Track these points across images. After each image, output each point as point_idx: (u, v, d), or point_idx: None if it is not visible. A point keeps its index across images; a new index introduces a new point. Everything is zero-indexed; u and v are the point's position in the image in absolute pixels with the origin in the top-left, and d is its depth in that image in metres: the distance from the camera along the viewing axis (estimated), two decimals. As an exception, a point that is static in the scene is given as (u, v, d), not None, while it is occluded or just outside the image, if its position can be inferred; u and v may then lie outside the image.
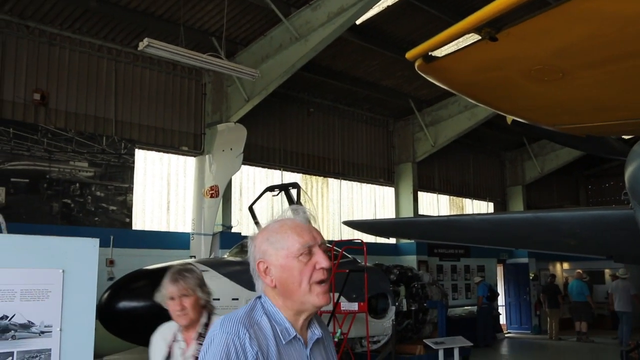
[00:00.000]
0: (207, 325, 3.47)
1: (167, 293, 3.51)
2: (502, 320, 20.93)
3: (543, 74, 2.93)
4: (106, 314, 7.80)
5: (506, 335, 20.31)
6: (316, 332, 2.06)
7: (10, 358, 3.50)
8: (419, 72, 3.16)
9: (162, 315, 8.47)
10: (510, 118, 5.36)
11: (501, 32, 2.59)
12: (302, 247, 1.97)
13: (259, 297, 2.04)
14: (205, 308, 3.56)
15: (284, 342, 1.93)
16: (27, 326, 3.57)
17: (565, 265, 23.51)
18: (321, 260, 1.98)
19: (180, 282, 3.45)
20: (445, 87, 3.43)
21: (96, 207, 11.68)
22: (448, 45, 3.06)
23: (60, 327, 3.68)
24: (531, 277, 21.25)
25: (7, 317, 3.50)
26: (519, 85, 3.19)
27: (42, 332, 3.62)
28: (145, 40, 9.02)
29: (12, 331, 3.51)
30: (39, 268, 3.65)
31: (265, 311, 1.98)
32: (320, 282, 1.97)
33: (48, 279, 3.67)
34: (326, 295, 1.98)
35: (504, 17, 2.51)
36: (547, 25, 2.53)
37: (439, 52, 3.22)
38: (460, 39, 3.05)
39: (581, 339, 18.35)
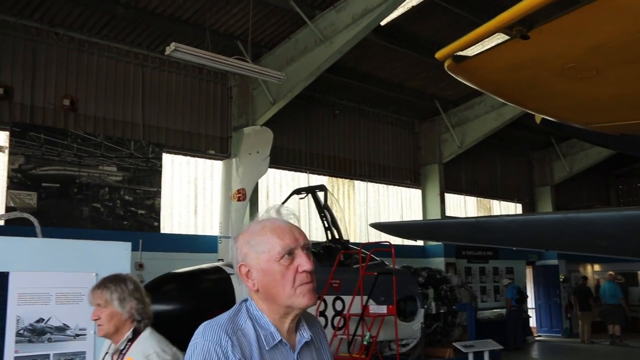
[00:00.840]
0: (130, 341, 3.21)
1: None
2: (532, 323, 20.66)
3: (576, 72, 2.89)
4: (136, 317, 7.87)
5: (536, 338, 20.04)
6: (305, 334, 1.99)
7: (46, 360, 3.55)
8: (448, 72, 3.13)
9: (192, 318, 8.52)
10: (539, 117, 5.30)
11: (533, 30, 2.56)
12: (283, 250, 1.89)
13: (245, 300, 1.97)
14: (132, 323, 3.27)
15: (267, 348, 1.86)
16: (62, 329, 3.62)
17: (597, 267, 23.13)
18: (304, 263, 1.90)
19: (98, 291, 3.21)
20: (475, 87, 3.39)
21: (125, 211, 11.81)
22: (478, 44, 3.03)
23: (95, 330, 3.72)
24: (561, 279, 20.95)
25: (43, 319, 3.56)
26: (551, 84, 3.14)
27: (77, 335, 3.67)
28: (172, 45, 9.10)
29: (48, 334, 3.57)
30: (73, 272, 3.70)
31: (250, 315, 1.91)
32: (304, 283, 1.90)
33: (82, 282, 3.72)
34: (312, 294, 1.91)
35: (535, 15, 2.48)
36: (581, 21, 2.49)
37: (469, 52, 3.19)
38: (491, 38, 3.02)
39: (615, 342, 18.01)
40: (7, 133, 10.64)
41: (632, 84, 3.01)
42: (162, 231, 12.32)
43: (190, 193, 13.21)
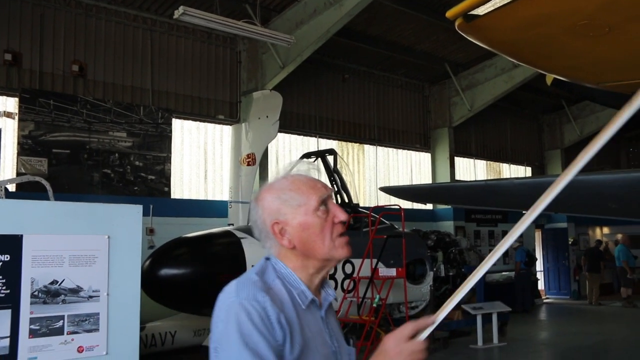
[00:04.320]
0: None
1: None
2: (541, 285, 20.78)
3: (588, 30, 2.85)
4: (148, 281, 7.97)
5: (545, 300, 20.18)
6: (330, 292, 1.93)
7: (62, 321, 3.61)
8: (459, 31, 3.09)
9: (203, 281, 8.63)
10: (550, 78, 5.24)
11: (545, -14, 2.52)
12: (319, 200, 1.82)
13: (268, 259, 1.87)
14: None
15: (303, 307, 1.78)
16: (76, 290, 3.68)
17: (605, 230, 23.12)
18: (338, 213, 1.85)
19: None
20: (487, 47, 3.35)
21: (135, 176, 11.88)
22: (489, 3, 2.99)
23: (108, 292, 3.78)
24: (570, 242, 20.98)
25: (57, 281, 3.62)
26: (564, 42, 3.10)
27: (91, 297, 3.73)
28: (181, 9, 9.03)
29: (62, 295, 3.62)
30: (85, 234, 3.74)
31: (277, 274, 1.81)
32: (340, 234, 1.85)
33: (94, 244, 3.77)
34: (349, 247, 1.86)
35: (548, -29, 2.44)
36: (594, -23, 2.45)
37: (480, 11, 3.15)
38: (502, -4, 2.97)
39: (624, 304, 18.14)
40: (17, 99, 10.65)
41: (645, 41, 2.96)
42: (172, 196, 12.40)
43: (200, 158, 13.25)
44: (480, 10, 3.14)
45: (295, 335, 1.70)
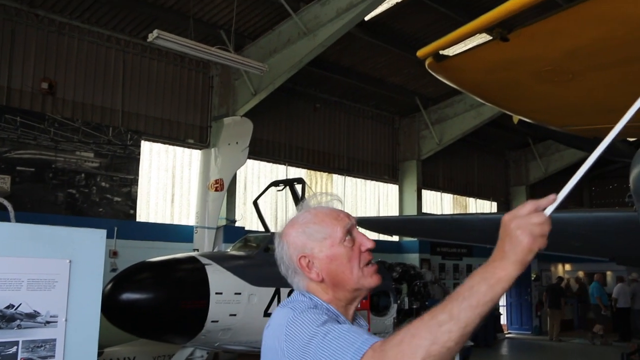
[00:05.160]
0: None
1: None
2: (503, 320, 20.93)
3: (553, 75, 2.93)
4: (109, 305, 7.81)
5: (506, 335, 20.31)
6: (363, 323, 1.93)
7: (15, 347, 3.52)
8: (429, 70, 3.16)
9: (164, 308, 8.49)
10: (516, 118, 5.36)
11: (512, 32, 2.59)
12: (344, 230, 1.82)
13: (303, 294, 1.85)
14: None
15: None
16: (33, 316, 3.59)
17: (567, 267, 23.47)
18: (365, 241, 1.85)
19: None
20: (455, 86, 3.43)
21: (101, 197, 11.71)
22: (459, 44, 3.06)
23: (66, 318, 3.70)
24: (533, 278, 21.22)
25: (13, 306, 3.52)
26: (529, 86, 3.19)
27: (48, 322, 3.64)
28: (155, 32, 9.02)
29: (18, 320, 3.53)
30: (46, 258, 3.66)
31: (316, 305, 1.79)
32: (368, 263, 1.84)
33: (55, 268, 3.69)
34: (378, 274, 1.85)
35: (515, 18, 2.51)
36: (559, 26, 2.53)
37: (450, 51, 3.23)
38: (472, 39, 3.05)
39: (594, 341, 17.99)
40: (-17, 115, 10.48)
41: (606, 89, 3.07)
42: (138, 219, 12.25)
43: (168, 182, 13.14)
44: (450, 51, 3.22)
45: None
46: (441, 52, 3.13)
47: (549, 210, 1.50)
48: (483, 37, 2.83)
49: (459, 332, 1.40)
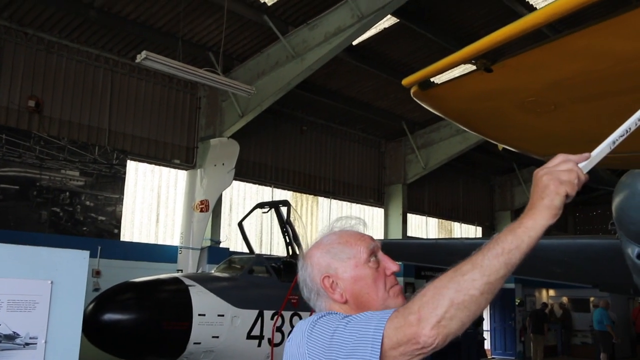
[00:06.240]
0: None
1: None
2: (487, 345, 20.90)
3: (536, 106, 2.98)
4: (90, 326, 7.74)
5: (490, 360, 20.28)
6: None
7: (-6, 368, 3.47)
8: (414, 98, 3.20)
9: (147, 329, 8.43)
10: (501, 145, 5.42)
11: (496, 63, 2.64)
12: (369, 251, 1.80)
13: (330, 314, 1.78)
14: None
15: None
16: (12, 337, 3.54)
17: (551, 292, 23.55)
18: (390, 264, 1.82)
19: None
20: (440, 114, 3.47)
21: (85, 216, 11.64)
22: (444, 74, 3.11)
23: (46, 339, 3.66)
24: (517, 303, 21.26)
25: (-7, 326, 3.48)
26: (512, 116, 3.23)
27: (27, 344, 3.60)
28: (143, 53, 9.05)
29: (-3, 341, 3.49)
30: (27, 278, 3.63)
31: None
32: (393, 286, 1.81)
33: (36, 289, 3.65)
34: (403, 295, 1.80)
35: (499, 50, 2.56)
36: (542, 59, 2.58)
37: (435, 80, 3.27)
38: (456, 69, 3.10)
39: None
40: (-32, 131, 10.42)
41: (587, 121, 3.12)
42: (122, 239, 12.16)
43: (153, 202, 13.09)
44: (435, 80, 3.27)
45: None
46: (426, 80, 3.18)
47: (584, 166, 1.51)
48: (468, 67, 2.88)
49: (483, 279, 1.40)
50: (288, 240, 11.20)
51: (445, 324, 1.43)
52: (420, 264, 16.90)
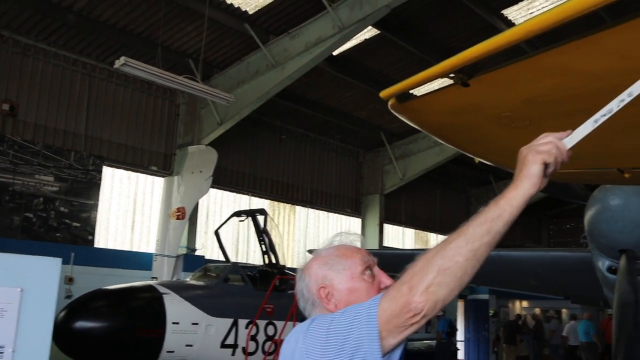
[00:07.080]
0: None
1: None
2: (460, 355, 20.98)
3: (511, 121, 3.01)
4: (61, 334, 7.62)
5: (464, 371, 20.35)
6: None
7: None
8: (392, 110, 3.22)
9: (119, 337, 8.32)
10: (477, 158, 5.47)
11: (473, 78, 2.66)
12: (364, 264, 1.85)
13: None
14: None
15: None
16: (-20, 345, 3.47)
17: (525, 303, 23.74)
18: (384, 279, 1.87)
19: None
20: (417, 127, 3.49)
21: (59, 222, 11.48)
22: (421, 87, 3.13)
23: (13, 348, 3.58)
24: (491, 314, 21.39)
25: (-40, 334, 3.41)
26: (488, 130, 3.26)
27: (-5, 352, 3.53)
28: (122, 59, 8.98)
29: (-36, 350, 3.42)
30: (-4, 286, 3.57)
31: None
32: None
33: (5, 297, 3.58)
34: None
35: (475, 65, 2.59)
36: (517, 75, 2.61)
37: (413, 92, 3.30)
38: (434, 82, 3.13)
39: None
40: (-60, 134, 10.24)
41: (561, 137, 3.16)
42: (96, 245, 12.02)
43: (129, 208, 12.96)
44: (412, 93, 3.28)
45: None
46: (404, 93, 3.19)
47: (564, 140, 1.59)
48: (445, 81, 2.89)
49: (467, 247, 1.48)
50: (264, 249, 11.16)
51: (434, 290, 1.50)
52: (396, 275, 16.92)
